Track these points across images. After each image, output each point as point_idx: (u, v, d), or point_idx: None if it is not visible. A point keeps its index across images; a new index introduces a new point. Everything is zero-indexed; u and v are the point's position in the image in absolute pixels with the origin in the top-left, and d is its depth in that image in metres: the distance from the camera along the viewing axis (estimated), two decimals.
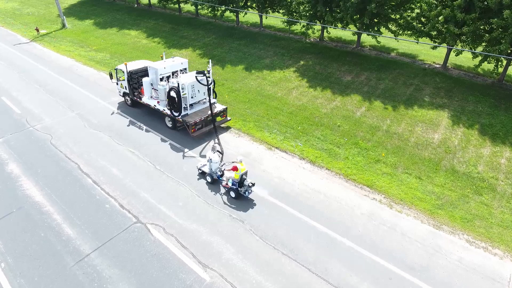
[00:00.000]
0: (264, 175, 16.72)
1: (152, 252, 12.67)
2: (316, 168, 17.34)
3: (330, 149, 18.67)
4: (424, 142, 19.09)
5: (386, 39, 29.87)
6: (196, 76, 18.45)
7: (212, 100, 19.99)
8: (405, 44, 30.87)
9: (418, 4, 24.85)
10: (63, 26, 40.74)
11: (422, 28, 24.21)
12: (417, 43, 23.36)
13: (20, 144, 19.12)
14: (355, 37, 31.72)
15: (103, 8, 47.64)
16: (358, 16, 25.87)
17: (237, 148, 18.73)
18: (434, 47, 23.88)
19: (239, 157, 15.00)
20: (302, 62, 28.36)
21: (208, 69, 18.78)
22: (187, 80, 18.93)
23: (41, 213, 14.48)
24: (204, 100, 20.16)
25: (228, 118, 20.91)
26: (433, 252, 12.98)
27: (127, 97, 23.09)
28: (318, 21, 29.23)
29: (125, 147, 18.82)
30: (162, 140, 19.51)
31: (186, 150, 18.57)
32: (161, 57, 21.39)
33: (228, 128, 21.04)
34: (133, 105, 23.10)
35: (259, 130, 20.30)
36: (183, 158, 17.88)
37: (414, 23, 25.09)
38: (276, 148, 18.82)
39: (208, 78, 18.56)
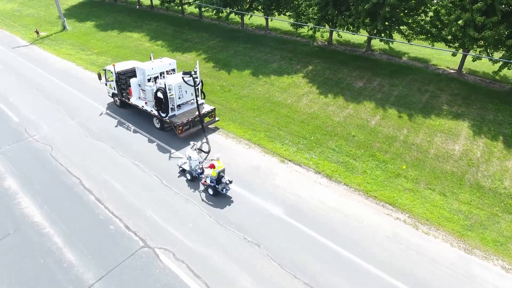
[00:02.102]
0: (278, 191, 15.50)
1: (162, 281, 11.46)
2: (333, 183, 16.13)
3: (346, 162, 17.46)
4: (444, 154, 17.90)
5: (396, 42, 28.61)
6: (182, 77, 18.15)
7: (201, 101, 19.82)
8: (416, 48, 29.68)
9: (433, 8, 23.61)
10: (64, 28, 39.42)
11: (438, 32, 22.98)
12: (432, 48, 22.11)
13: (18, 156, 17.87)
14: (364, 40, 30.52)
15: (104, 9, 46.32)
16: (368, 20, 24.62)
17: (248, 161, 17.52)
18: (453, 54, 22.64)
19: (217, 155, 14.88)
20: (310, 67, 27.12)
21: (195, 69, 18.61)
22: (174, 81, 18.56)
23: (40, 235, 13.26)
24: (192, 100, 19.87)
25: (217, 118, 20.54)
26: (467, 280, 11.81)
27: (116, 98, 22.65)
28: (326, 24, 27.98)
29: (128, 159, 17.58)
30: (166, 150, 18.27)
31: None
32: (150, 57, 20.84)
33: (216, 128, 20.52)
34: (122, 105, 22.55)
35: (270, 141, 19.07)
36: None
37: (428, 27, 23.87)
38: (290, 160, 17.60)
39: (195, 79, 18.32)
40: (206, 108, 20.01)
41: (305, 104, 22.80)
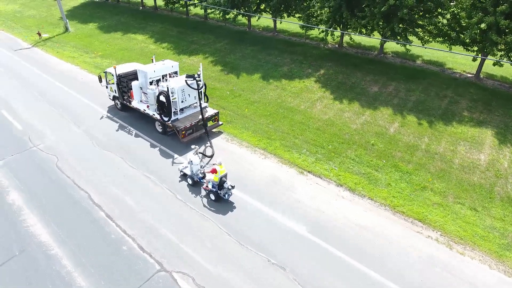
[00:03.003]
0: (300, 206, 14.47)
1: None
2: (356, 197, 15.11)
3: (368, 173, 16.44)
4: (470, 165, 16.90)
5: (409, 45, 27.44)
6: (186, 80, 17.61)
7: (204, 104, 19.07)
8: (429, 51, 28.65)
9: (451, 10, 22.57)
10: (66, 29, 38.24)
11: (457, 36, 21.95)
12: (450, 52, 21.09)
13: (22, 167, 16.79)
14: (376, 43, 29.52)
15: (107, 10, 45.13)
16: (383, 22, 23.59)
17: (265, 172, 16.49)
18: (474, 59, 21.63)
19: (218, 159, 14.25)
20: (322, 71, 26.08)
21: (199, 72, 18.03)
22: (177, 84, 17.93)
23: (47, 257, 12.21)
24: (195, 104, 19.15)
25: (220, 122, 19.85)
26: None
27: (116, 101, 21.96)
28: (338, 27, 26.92)
29: (139, 170, 16.51)
30: (176, 160, 17.21)
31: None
32: (152, 59, 20.33)
33: (220, 132, 19.73)
34: (123, 109, 21.78)
35: (287, 151, 18.03)
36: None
37: (446, 30, 22.85)
38: (309, 172, 16.57)
39: (198, 82, 17.74)
40: (210, 111, 19.34)
41: (319, 110, 21.76)
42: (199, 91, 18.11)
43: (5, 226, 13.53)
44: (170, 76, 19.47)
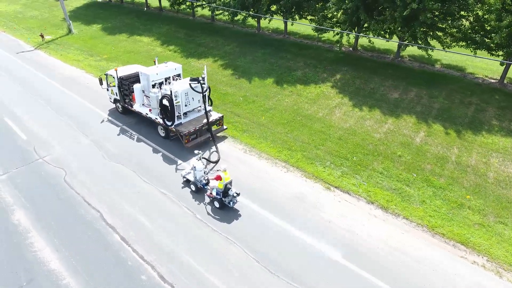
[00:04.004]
0: (331, 227, 13.18)
1: None
2: (390, 216, 13.83)
3: (399, 189, 15.16)
4: (506, 179, 15.67)
5: (427, 49, 26.11)
6: (190, 83, 16.70)
7: (208, 108, 18.10)
8: (446, 54, 27.37)
9: (475, 12, 21.30)
10: (69, 31, 36.79)
11: (482, 39, 20.67)
12: (475, 56, 19.83)
13: (28, 182, 15.45)
14: (391, 46, 28.25)
15: (111, 11, 43.67)
16: (401, 25, 22.28)
17: (288, 188, 15.20)
18: (502, 63, 20.37)
19: (223, 166, 13.54)
20: (338, 76, 24.77)
21: (203, 75, 17.15)
22: (180, 87, 17.13)
23: None
24: (199, 108, 18.48)
25: (224, 127, 19.04)
26: None
27: (117, 104, 21.06)
28: (353, 29, 25.61)
29: (154, 186, 15.20)
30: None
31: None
32: (154, 62, 19.56)
33: (224, 137, 18.96)
34: (124, 112, 20.87)
35: (310, 163, 16.74)
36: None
37: (469, 33, 21.56)
38: (336, 187, 15.28)
39: (202, 85, 16.90)
40: (214, 115, 18.50)
41: (339, 118, 20.47)
42: (204, 94, 17.24)
43: (11, 250, 12.23)
44: (174, 79, 18.57)
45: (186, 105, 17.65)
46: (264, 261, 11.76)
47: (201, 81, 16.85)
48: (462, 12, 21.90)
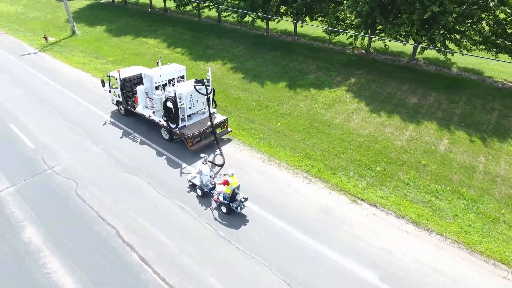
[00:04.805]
0: (361, 245, 12.30)
1: None
2: (422, 232, 12.97)
3: (429, 202, 14.30)
4: None
5: (440, 51, 25.11)
6: (194, 86, 16.41)
7: (212, 110, 17.77)
8: (462, 57, 26.46)
9: (497, 14, 20.45)
10: (73, 33, 35.76)
11: (504, 43, 19.82)
12: (497, 60, 19.01)
13: (38, 195, 14.51)
14: (405, 49, 27.40)
15: (114, 12, 42.62)
16: (418, 28, 21.42)
17: (313, 201, 14.35)
18: None
19: (230, 170, 13.07)
20: (353, 79, 23.89)
21: (208, 77, 16.70)
22: (184, 89, 16.69)
23: None
24: (203, 110, 18.06)
25: (229, 129, 18.62)
26: None
27: (120, 106, 20.59)
28: (367, 32, 24.72)
29: (171, 199, 14.27)
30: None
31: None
32: (157, 63, 19.11)
33: (229, 140, 18.46)
34: (127, 114, 20.34)
35: (332, 173, 15.85)
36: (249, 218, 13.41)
37: (490, 37, 20.71)
38: (362, 200, 14.40)
39: (207, 87, 16.43)
40: (218, 118, 18.10)
41: (357, 124, 19.60)
42: (208, 96, 16.76)
43: (23, 272, 11.30)
44: (178, 81, 18.35)
45: (190, 108, 17.25)
46: (294, 283, 10.86)
47: (206, 83, 16.41)
48: (483, 15, 21.02)
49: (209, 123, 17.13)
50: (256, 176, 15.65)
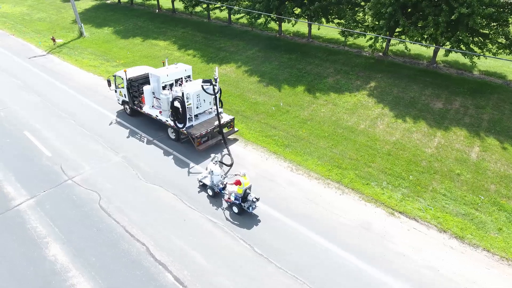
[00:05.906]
0: (406, 263, 11.58)
1: None
2: (468, 248, 12.26)
3: (469, 214, 13.60)
4: None
5: (458, 54, 24.26)
6: (202, 85, 16.32)
7: (219, 110, 17.71)
8: (483, 61, 25.76)
9: None
10: (81, 34, 34.84)
11: None
12: None
13: (59, 208, 13.72)
14: (423, 51, 26.67)
15: (121, 13, 41.66)
16: (442, 31, 20.68)
17: (349, 214, 13.63)
18: None
19: (242, 171, 13.10)
20: (373, 83, 23.15)
21: (215, 77, 16.65)
22: (192, 89, 16.66)
23: None
24: (210, 110, 18.09)
25: (236, 129, 18.50)
26: None
27: (126, 106, 20.45)
28: (387, 33, 23.94)
29: (201, 213, 13.50)
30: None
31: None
32: (163, 63, 18.99)
33: (236, 139, 18.31)
34: (133, 114, 20.21)
35: (365, 184, 15.12)
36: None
37: None
38: (400, 213, 13.68)
39: (214, 87, 16.39)
40: (225, 117, 17.97)
41: (383, 130, 18.87)
42: (215, 96, 16.72)
43: None
44: (185, 80, 18.31)
45: (197, 107, 17.19)
46: None
47: (213, 83, 16.30)
48: (508, 19, 20.31)
49: (216, 123, 17.01)
50: (285, 186, 14.94)
